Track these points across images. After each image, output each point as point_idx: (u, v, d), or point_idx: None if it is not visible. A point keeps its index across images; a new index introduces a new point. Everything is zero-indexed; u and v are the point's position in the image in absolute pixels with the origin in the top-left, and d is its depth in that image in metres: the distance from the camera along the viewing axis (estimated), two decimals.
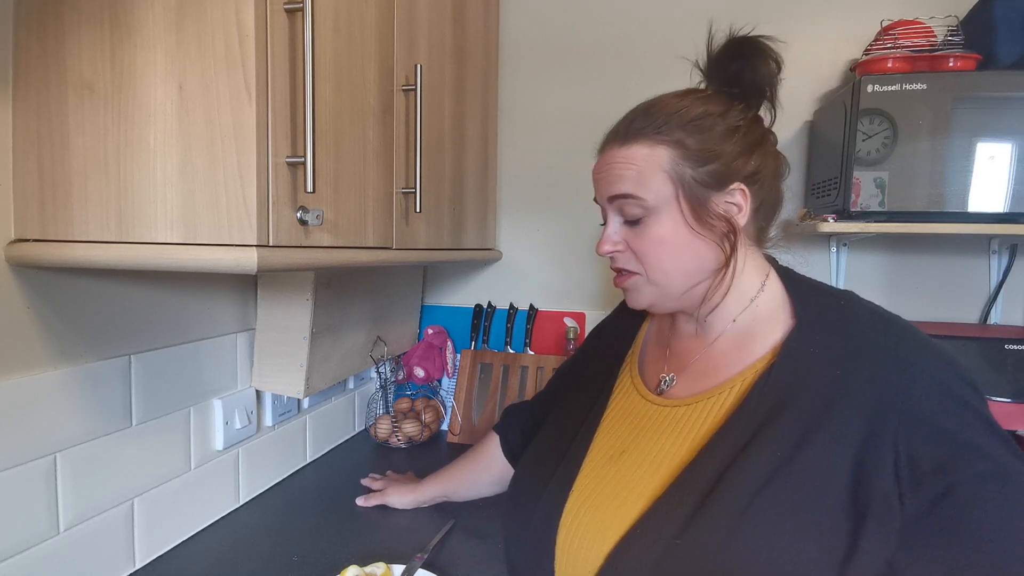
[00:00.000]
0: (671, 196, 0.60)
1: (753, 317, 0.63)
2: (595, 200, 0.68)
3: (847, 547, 0.50)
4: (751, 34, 0.63)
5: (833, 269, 1.26)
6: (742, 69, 0.63)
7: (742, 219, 0.61)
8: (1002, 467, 0.50)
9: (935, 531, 0.49)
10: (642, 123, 0.62)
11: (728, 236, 0.61)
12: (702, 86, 0.67)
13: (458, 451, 1.06)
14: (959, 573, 0.48)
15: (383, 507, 1.01)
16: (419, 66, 0.87)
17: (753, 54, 0.62)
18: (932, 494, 0.49)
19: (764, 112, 0.65)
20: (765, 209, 0.64)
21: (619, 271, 0.66)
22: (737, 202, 0.61)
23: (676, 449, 0.60)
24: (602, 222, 0.67)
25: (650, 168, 0.60)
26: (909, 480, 0.50)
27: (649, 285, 0.64)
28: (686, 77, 0.68)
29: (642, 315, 0.79)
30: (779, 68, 0.62)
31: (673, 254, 0.61)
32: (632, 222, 0.63)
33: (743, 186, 0.61)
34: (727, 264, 0.61)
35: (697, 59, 0.66)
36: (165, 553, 0.88)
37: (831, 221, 1.02)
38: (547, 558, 0.62)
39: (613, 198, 0.63)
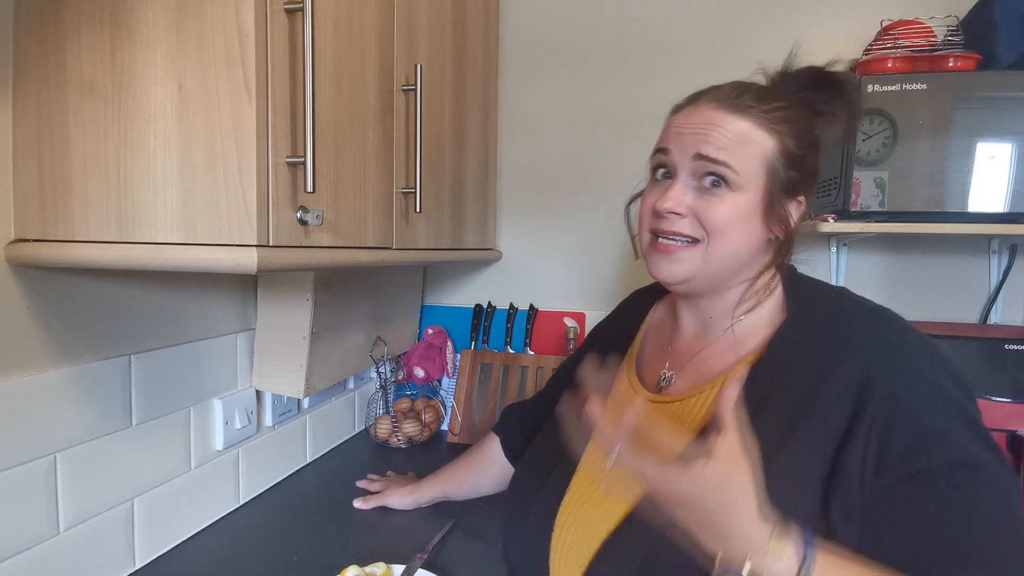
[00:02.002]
0: (760, 184, 0.59)
1: (754, 315, 0.64)
2: (660, 151, 0.63)
3: (825, 533, 0.50)
4: (838, 71, 0.64)
5: (833, 269, 1.26)
6: (815, 101, 0.63)
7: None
8: (973, 458, 0.50)
9: (896, 512, 0.49)
10: (753, 102, 0.59)
11: (786, 243, 0.62)
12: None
13: (458, 451, 1.06)
14: (916, 558, 0.48)
15: (383, 507, 1.01)
16: (419, 66, 0.87)
17: (835, 95, 0.63)
18: (897, 477, 0.50)
19: None
20: None
21: (674, 235, 0.61)
22: (793, 214, 0.62)
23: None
24: (658, 175, 0.63)
25: (753, 150, 0.59)
26: (872, 464, 0.50)
27: (701, 259, 0.60)
28: (686, 77, 0.68)
29: (641, 315, 0.80)
30: (854, 121, 0.64)
31: (738, 236, 0.59)
32: (707, 188, 0.59)
33: (803, 200, 0.63)
34: (771, 265, 0.62)
35: (763, 67, 0.67)
36: (165, 553, 0.88)
37: (831, 221, 1.02)
38: (542, 554, 0.63)
39: (704, 158, 0.59)
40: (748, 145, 0.58)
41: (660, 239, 0.61)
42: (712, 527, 0.46)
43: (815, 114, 0.64)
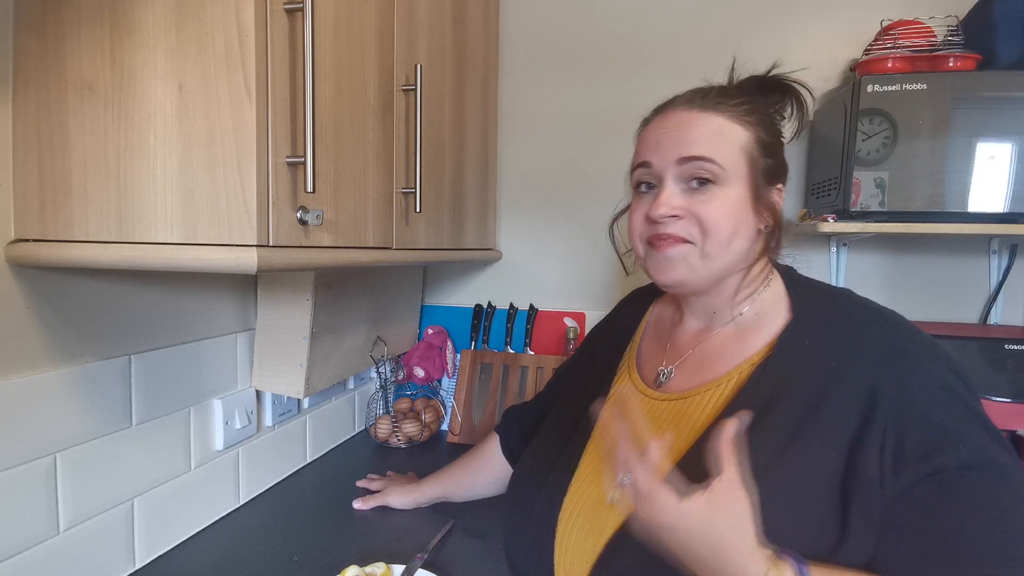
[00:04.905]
0: (744, 173, 0.61)
1: (755, 311, 0.64)
2: (640, 165, 0.64)
3: (838, 535, 0.51)
4: (780, 74, 0.67)
5: (833, 269, 1.26)
6: (766, 104, 0.67)
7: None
8: (987, 457, 0.50)
9: (913, 514, 0.50)
10: (719, 99, 0.62)
11: (775, 230, 0.63)
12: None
13: (458, 451, 1.06)
14: (933, 556, 0.49)
15: (383, 507, 1.01)
16: (419, 66, 0.87)
17: (783, 94, 0.68)
18: (914, 478, 0.50)
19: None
20: None
21: (668, 237, 0.61)
22: (776, 200, 0.64)
23: (673, 442, 0.60)
24: (642, 189, 0.65)
25: (731, 140, 0.61)
26: (891, 465, 0.51)
27: (697, 257, 0.61)
28: (686, 77, 0.68)
29: (640, 313, 0.80)
30: (802, 114, 0.68)
31: (734, 227, 0.60)
32: (696, 188, 0.60)
33: (782, 187, 0.65)
34: (764, 253, 0.64)
35: (709, 79, 0.69)
36: (165, 553, 0.88)
37: (831, 221, 1.02)
38: (546, 553, 0.62)
39: (687, 159, 0.60)
40: (726, 138, 0.60)
41: (658, 240, 0.62)
42: (708, 563, 0.47)
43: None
